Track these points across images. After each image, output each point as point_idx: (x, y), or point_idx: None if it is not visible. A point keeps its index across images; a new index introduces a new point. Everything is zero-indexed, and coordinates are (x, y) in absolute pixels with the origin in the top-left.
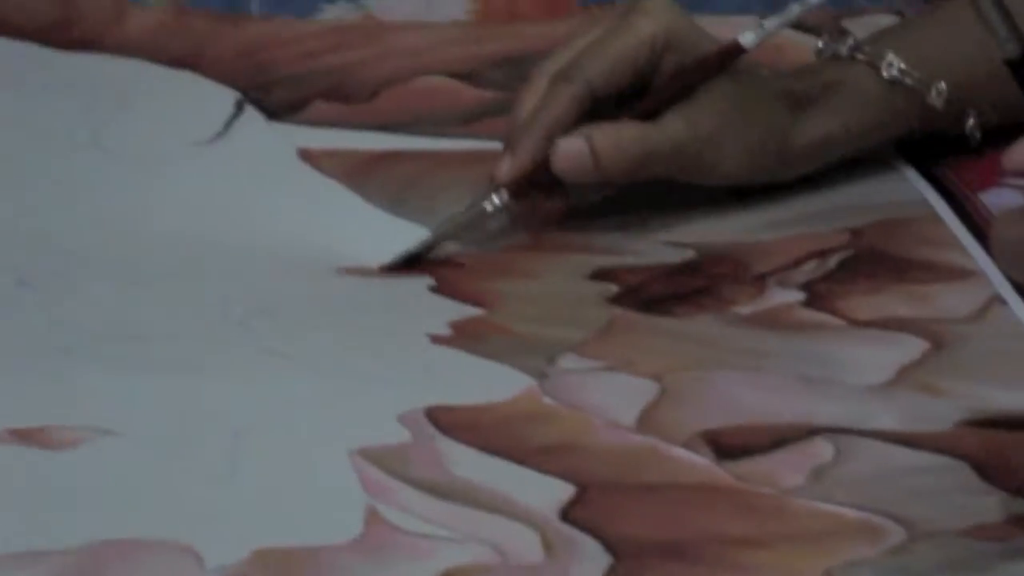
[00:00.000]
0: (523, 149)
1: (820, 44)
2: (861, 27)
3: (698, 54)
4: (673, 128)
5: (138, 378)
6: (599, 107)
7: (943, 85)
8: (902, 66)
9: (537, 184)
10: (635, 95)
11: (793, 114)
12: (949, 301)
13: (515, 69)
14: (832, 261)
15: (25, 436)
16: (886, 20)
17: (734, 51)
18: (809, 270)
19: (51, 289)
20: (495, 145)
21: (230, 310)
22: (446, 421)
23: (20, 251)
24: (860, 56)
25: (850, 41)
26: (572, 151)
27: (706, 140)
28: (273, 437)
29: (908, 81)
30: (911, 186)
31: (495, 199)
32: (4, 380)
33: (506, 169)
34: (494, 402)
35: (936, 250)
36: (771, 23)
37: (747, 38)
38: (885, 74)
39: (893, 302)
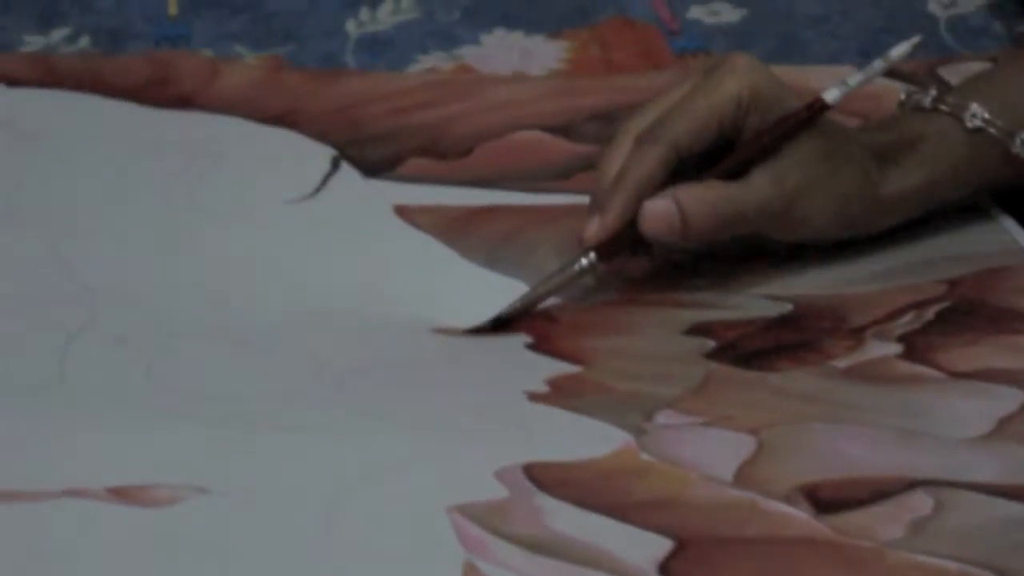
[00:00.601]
0: (612, 210)
1: (902, 96)
2: (956, 74)
3: (783, 111)
4: (759, 186)
5: (235, 436)
6: (684, 166)
7: None
8: (986, 116)
9: (623, 244)
10: (720, 153)
11: (879, 167)
12: None
13: (610, 122)
14: (930, 313)
15: (123, 494)
16: (981, 67)
17: (818, 108)
18: (907, 322)
19: (149, 348)
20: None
21: (326, 369)
22: (544, 477)
23: (119, 310)
24: (943, 107)
25: (933, 92)
26: (661, 213)
27: (793, 196)
28: (370, 495)
29: (992, 131)
30: (1009, 235)
31: (583, 260)
32: (103, 438)
33: (595, 230)
34: (592, 458)
35: None
36: (854, 79)
37: (831, 95)
38: (969, 124)
39: (991, 353)
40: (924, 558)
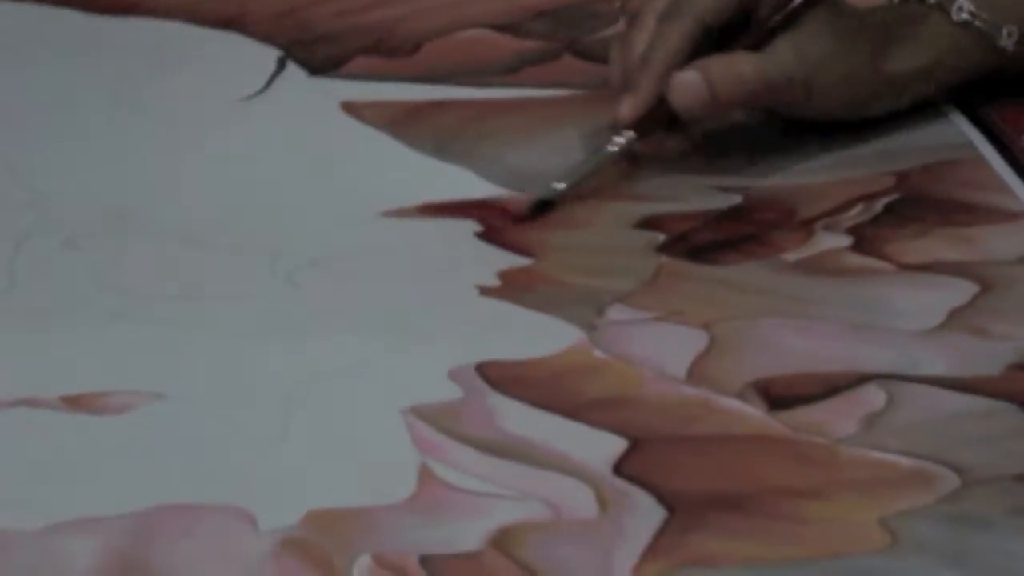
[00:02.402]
0: (643, 88)
1: None
2: None
3: None
4: (784, 57)
5: (188, 340)
6: (708, 41)
7: (1014, 27)
8: (972, 8)
9: (658, 121)
10: (740, 30)
11: (885, 45)
12: (997, 243)
13: (556, 19)
14: (879, 205)
15: (77, 402)
16: None
17: None
18: (856, 214)
19: (98, 250)
20: (538, 93)
21: (277, 266)
22: (497, 376)
23: (66, 213)
24: (931, 0)
25: None
26: (689, 84)
27: (813, 68)
28: (325, 397)
29: (978, 24)
30: (957, 129)
31: (619, 139)
32: (54, 345)
33: (627, 109)
34: (544, 356)
35: (982, 192)
36: None
37: None
38: (955, 17)
39: (940, 245)
40: (877, 454)
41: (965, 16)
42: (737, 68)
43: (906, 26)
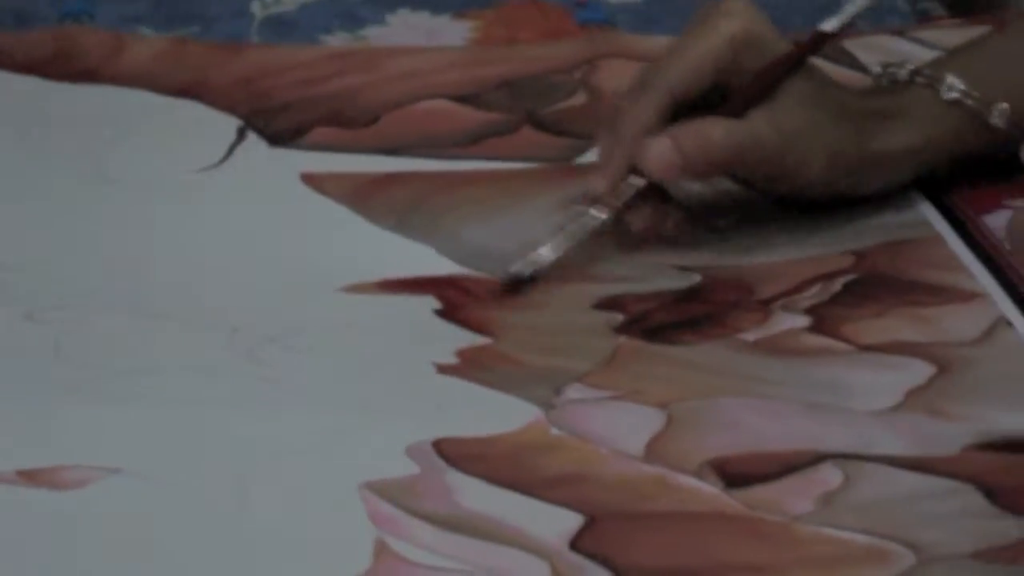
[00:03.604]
0: (614, 158)
1: (879, 68)
2: (867, 47)
3: (777, 53)
4: (757, 124)
5: (146, 414)
6: (682, 112)
7: (1005, 105)
8: (962, 87)
9: (635, 194)
10: (720, 98)
11: (870, 123)
12: (955, 324)
13: (516, 91)
14: (837, 284)
15: (33, 477)
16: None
17: (818, 39)
18: (814, 294)
19: (58, 323)
20: (498, 165)
21: (237, 340)
22: (454, 453)
23: (27, 285)
24: (920, 79)
25: (909, 65)
26: (659, 149)
27: (789, 139)
28: (281, 472)
29: (969, 102)
30: (915, 208)
31: (595, 213)
32: (11, 419)
33: (599, 180)
34: (502, 433)
35: (941, 272)
36: (852, 6)
37: (830, 23)
38: (945, 96)
39: (899, 325)
40: (833, 531)
41: (955, 94)
42: (706, 132)
43: (894, 104)
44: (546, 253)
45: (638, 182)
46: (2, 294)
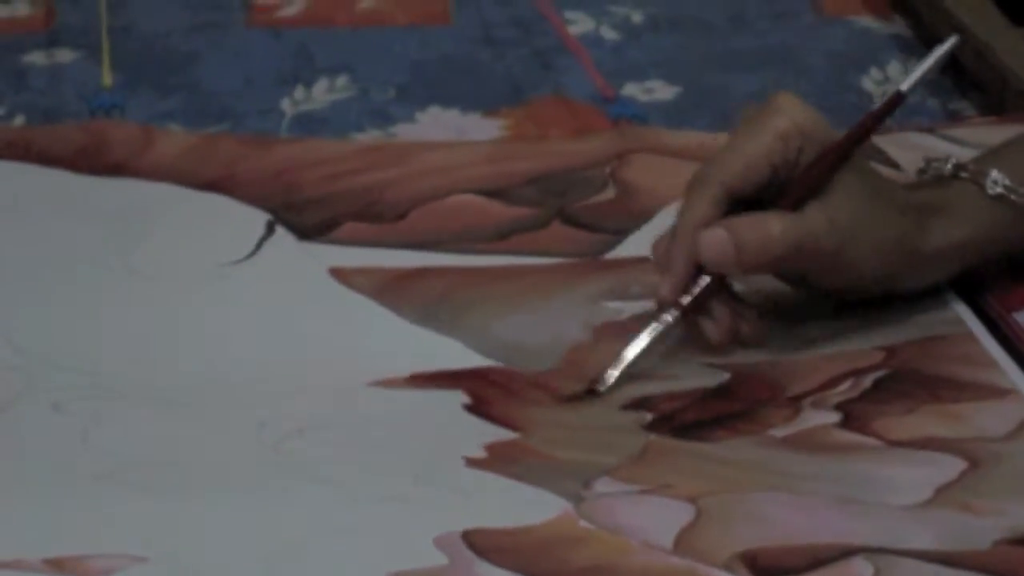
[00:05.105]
0: (675, 259)
1: (923, 164)
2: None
3: (832, 141)
4: (813, 218)
5: (172, 503)
6: (739, 208)
7: None
8: (1007, 182)
9: (714, 297)
10: (774, 196)
11: (920, 219)
12: (985, 420)
13: (545, 186)
14: (867, 381)
15: (60, 565)
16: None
17: (895, 100)
18: (844, 390)
19: (85, 415)
20: (527, 260)
21: (263, 433)
22: (483, 544)
23: (54, 377)
24: (964, 174)
25: (953, 160)
26: (716, 241)
27: (844, 233)
28: (308, 561)
29: (1013, 197)
30: (945, 304)
31: (668, 317)
32: (38, 508)
33: (665, 286)
34: (531, 525)
35: (971, 369)
36: (922, 66)
37: (906, 83)
38: (990, 191)
39: (929, 422)
40: None
41: (1000, 190)
42: (765, 226)
43: (940, 198)
44: (629, 358)
45: (704, 281)
46: (30, 385)
